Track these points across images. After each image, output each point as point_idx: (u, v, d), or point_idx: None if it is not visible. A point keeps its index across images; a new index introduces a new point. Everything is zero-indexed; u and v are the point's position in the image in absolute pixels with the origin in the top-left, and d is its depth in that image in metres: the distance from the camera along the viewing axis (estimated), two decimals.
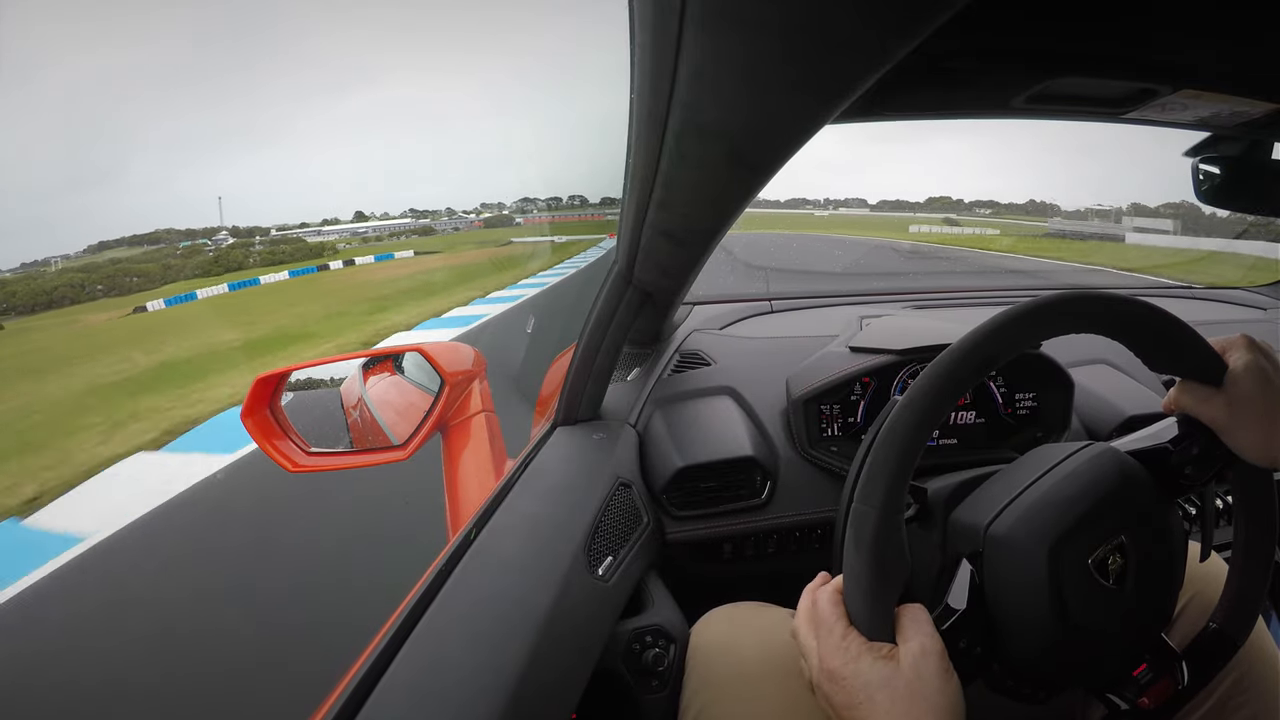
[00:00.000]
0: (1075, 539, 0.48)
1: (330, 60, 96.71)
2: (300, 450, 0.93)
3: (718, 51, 0.33)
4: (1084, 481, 0.51)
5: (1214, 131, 0.66)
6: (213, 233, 28.68)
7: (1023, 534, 0.49)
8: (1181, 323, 0.50)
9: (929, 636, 0.46)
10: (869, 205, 34.04)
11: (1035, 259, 10.62)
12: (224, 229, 28.91)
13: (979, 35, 0.48)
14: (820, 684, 0.48)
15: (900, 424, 0.45)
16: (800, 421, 1.00)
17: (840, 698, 0.45)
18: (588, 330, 0.93)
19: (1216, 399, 0.50)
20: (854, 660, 0.46)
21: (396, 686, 0.51)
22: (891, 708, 0.43)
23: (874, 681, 0.44)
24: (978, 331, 0.46)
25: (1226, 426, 0.50)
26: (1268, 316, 1.51)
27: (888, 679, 0.44)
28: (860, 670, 0.45)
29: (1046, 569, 0.47)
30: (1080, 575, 0.47)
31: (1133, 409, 1.02)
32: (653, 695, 0.68)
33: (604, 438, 0.94)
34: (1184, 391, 0.52)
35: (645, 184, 0.57)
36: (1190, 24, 0.46)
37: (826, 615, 0.49)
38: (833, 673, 0.46)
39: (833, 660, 0.47)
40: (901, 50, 0.29)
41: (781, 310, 1.42)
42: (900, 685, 0.44)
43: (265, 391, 0.92)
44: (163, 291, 20.07)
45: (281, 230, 30.42)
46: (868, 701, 0.44)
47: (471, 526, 0.72)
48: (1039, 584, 0.47)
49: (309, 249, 27.18)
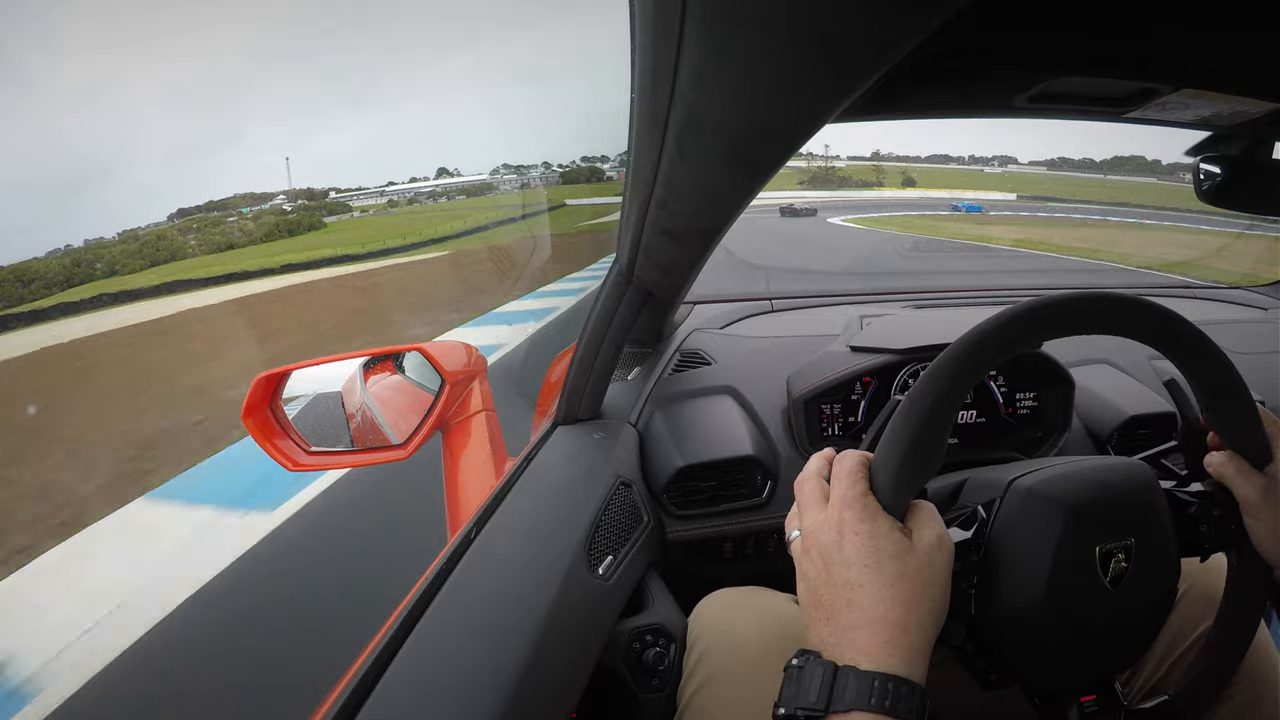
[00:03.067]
0: (1095, 517, 0.47)
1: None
2: (301, 449, 0.93)
3: (719, 50, 0.32)
4: (1120, 475, 0.50)
5: (1215, 130, 0.66)
6: (268, 198, 27.96)
7: (1048, 490, 0.48)
8: (1250, 397, 0.50)
9: (944, 533, 0.44)
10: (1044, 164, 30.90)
11: None
12: (281, 194, 28.15)
13: (980, 34, 0.48)
14: (819, 542, 0.44)
15: (979, 331, 0.45)
16: (801, 421, 1.00)
17: (840, 558, 0.42)
18: (588, 329, 0.93)
19: (1255, 479, 0.50)
20: (871, 519, 0.43)
21: (397, 685, 0.51)
22: (897, 583, 0.41)
23: (886, 548, 0.42)
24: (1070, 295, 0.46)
25: (1253, 508, 0.50)
26: (1268, 316, 1.50)
27: (900, 552, 0.42)
28: (876, 531, 0.42)
29: (1060, 530, 0.46)
30: (1084, 557, 0.47)
31: (1133, 409, 1.02)
32: (653, 694, 0.68)
33: (604, 437, 0.94)
34: (1231, 461, 0.52)
35: (646, 183, 0.57)
36: (1191, 23, 0.46)
37: (850, 470, 0.45)
38: (843, 525, 0.43)
39: (847, 512, 0.43)
40: (903, 49, 0.29)
41: (782, 310, 1.42)
42: (911, 564, 0.42)
43: (266, 391, 0.92)
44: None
45: (339, 193, 29.67)
46: (874, 567, 0.41)
47: (471, 526, 0.72)
48: (1045, 544, 0.46)
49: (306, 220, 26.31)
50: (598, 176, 32.80)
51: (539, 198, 27.62)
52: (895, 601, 0.41)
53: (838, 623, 0.41)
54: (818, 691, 0.38)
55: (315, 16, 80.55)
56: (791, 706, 0.39)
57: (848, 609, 0.41)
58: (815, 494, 0.47)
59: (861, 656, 0.39)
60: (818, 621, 0.43)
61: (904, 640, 0.40)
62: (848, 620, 0.41)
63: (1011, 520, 0.48)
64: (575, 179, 33.50)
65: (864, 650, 0.39)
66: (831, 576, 0.43)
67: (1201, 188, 0.70)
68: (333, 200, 28.24)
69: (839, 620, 0.41)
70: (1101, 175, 27.35)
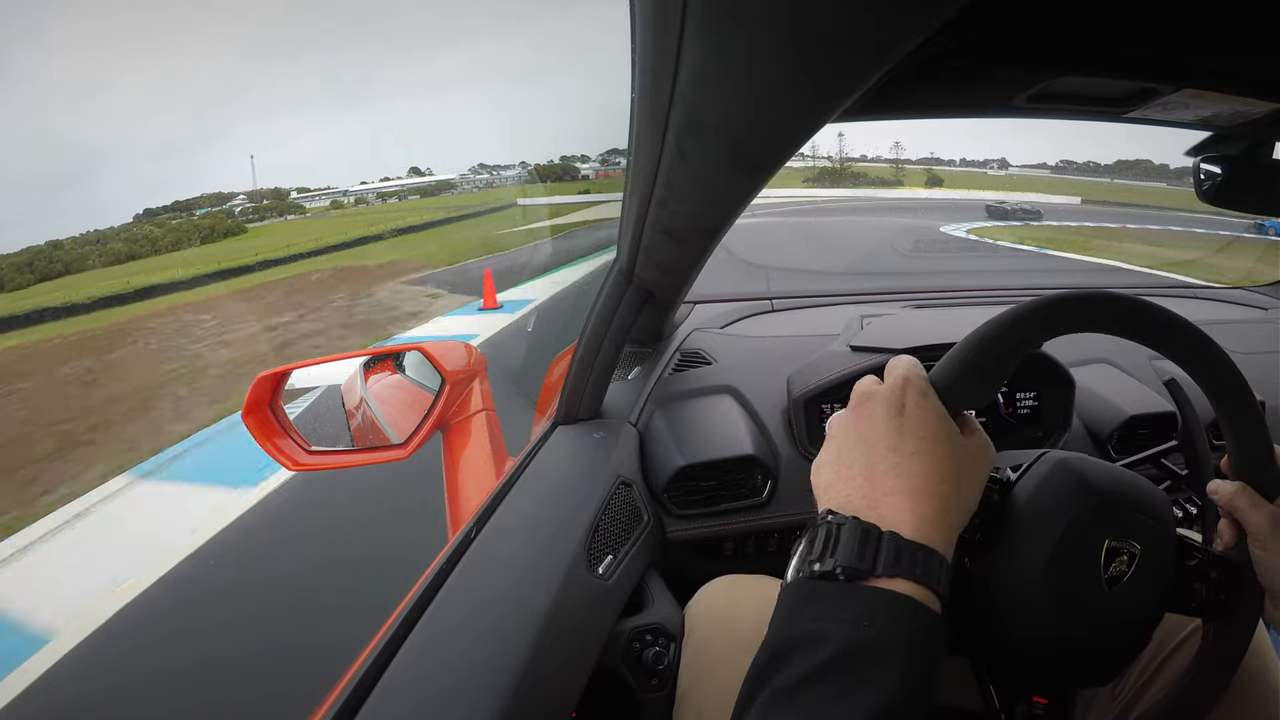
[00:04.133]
0: (1115, 509, 0.47)
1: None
2: (301, 449, 0.93)
3: (720, 49, 0.32)
4: (1145, 488, 0.50)
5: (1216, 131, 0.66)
6: (230, 198, 26.90)
7: (1079, 467, 0.48)
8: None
9: (990, 442, 0.44)
10: (1049, 166, 30.79)
11: None
12: (242, 194, 27.08)
13: (980, 34, 0.48)
14: (871, 410, 0.43)
15: (1065, 294, 0.46)
16: (801, 420, 1.00)
17: (895, 424, 0.42)
18: (589, 329, 0.93)
19: (1266, 508, 0.49)
20: (933, 401, 0.43)
21: (396, 685, 0.51)
22: (948, 463, 0.40)
23: (943, 429, 0.42)
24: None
25: (1263, 539, 0.49)
26: (1268, 316, 1.50)
27: (954, 440, 0.42)
28: (936, 411, 0.42)
29: (1078, 507, 0.46)
30: (1093, 544, 0.46)
31: (1134, 409, 1.02)
32: (652, 694, 0.68)
33: (604, 436, 0.94)
34: (1242, 492, 0.51)
35: (646, 182, 0.57)
36: (1192, 23, 0.46)
37: (910, 361, 0.45)
38: (905, 399, 0.43)
39: (910, 389, 0.43)
40: (903, 49, 0.29)
41: (782, 309, 1.42)
42: (962, 453, 0.42)
43: (266, 390, 0.92)
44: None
45: (301, 193, 28.49)
46: (930, 441, 0.41)
47: (472, 525, 0.72)
48: (1060, 516, 0.46)
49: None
50: (571, 175, 32.23)
51: (495, 197, 26.57)
52: (944, 478, 0.40)
53: (878, 485, 0.40)
54: (860, 552, 0.36)
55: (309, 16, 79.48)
56: (831, 564, 0.37)
57: (893, 473, 0.40)
58: (872, 379, 0.47)
59: (904, 524, 0.38)
60: (847, 480, 0.41)
61: (944, 520, 0.39)
62: (891, 484, 0.39)
63: (1035, 484, 0.48)
64: (547, 177, 32.58)
65: (907, 518, 0.38)
66: (879, 437, 0.42)
67: (1202, 187, 0.70)
68: (291, 201, 27.08)
69: (880, 483, 0.40)
70: (1108, 179, 27.09)
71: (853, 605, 0.36)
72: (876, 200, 19.97)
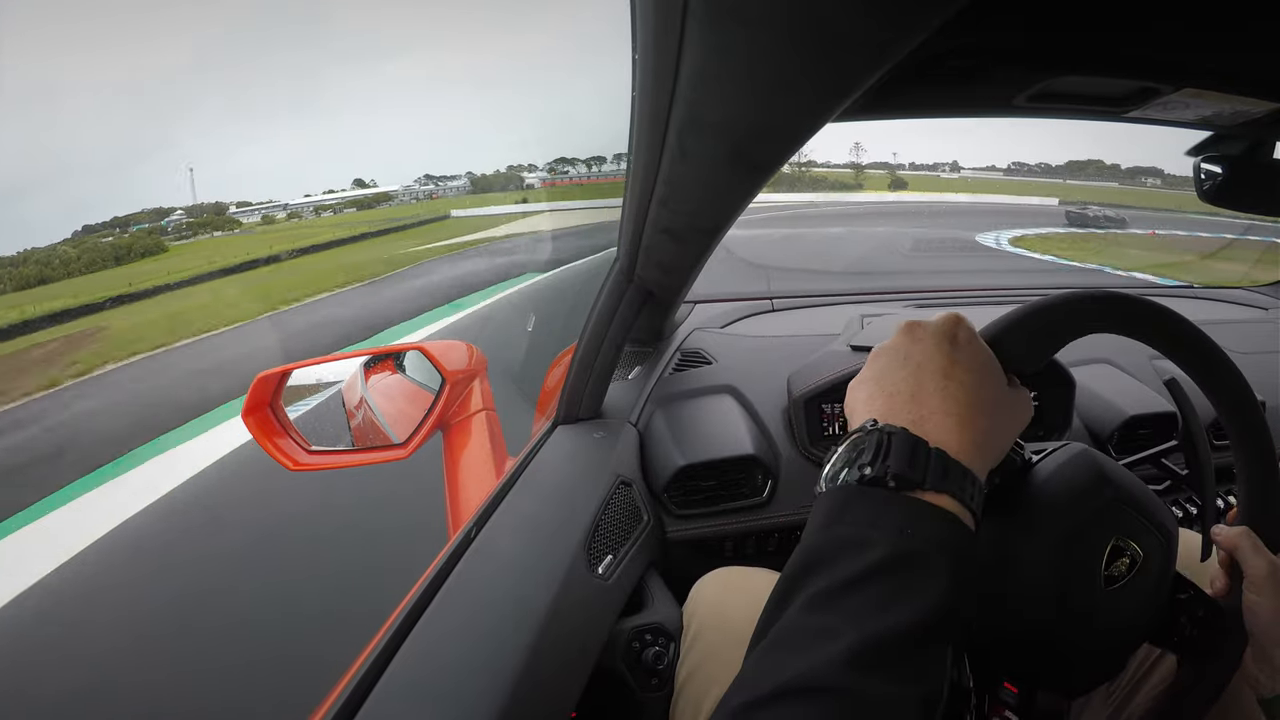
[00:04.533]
0: (1128, 510, 0.47)
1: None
2: (301, 449, 0.93)
3: (720, 49, 0.32)
4: (1162, 506, 0.50)
5: (1216, 130, 0.66)
6: (168, 213, 25.59)
7: (1102, 463, 0.48)
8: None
9: (1030, 401, 0.45)
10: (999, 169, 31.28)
11: None
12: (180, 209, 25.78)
13: (980, 34, 0.48)
14: (923, 334, 0.43)
15: (1111, 292, 0.47)
16: (801, 420, 1.00)
17: (946, 351, 0.41)
18: (589, 328, 0.93)
19: (1265, 555, 0.50)
20: (982, 347, 0.43)
21: (396, 685, 0.51)
22: (992, 399, 0.40)
23: (990, 369, 0.42)
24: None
25: (1259, 585, 0.49)
26: (1268, 316, 1.50)
27: (1000, 380, 0.42)
28: (983, 351, 0.42)
29: (1094, 500, 0.46)
30: (1100, 539, 0.46)
31: (1134, 409, 1.02)
32: (652, 694, 0.68)
33: (605, 436, 0.94)
34: (1246, 536, 0.51)
35: (647, 181, 0.57)
36: (1192, 22, 0.46)
37: (968, 324, 0.45)
38: (957, 333, 0.42)
39: (959, 326, 0.43)
40: (904, 49, 0.29)
41: (783, 309, 1.42)
42: (1006, 395, 0.42)
43: (266, 390, 0.92)
44: None
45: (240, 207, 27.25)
46: (978, 373, 0.41)
47: (472, 525, 0.72)
48: (1072, 506, 0.46)
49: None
50: (516, 185, 31.80)
51: (430, 209, 24.90)
52: (987, 412, 0.40)
53: (924, 403, 0.39)
54: (910, 461, 0.36)
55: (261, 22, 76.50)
56: (883, 468, 0.36)
57: (941, 394, 0.39)
58: (918, 330, 0.45)
59: (950, 444, 0.37)
60: (893, 397, 0.40)
61: (985, 447, 0.39)
62: (938, 404, 0.39)
63: (1057, 468, 0.48)
64: (490, 187, 31.68)
65: (954, 438, 0.37)
66: (929, 362, 0.41)
67: (1202, 187, 0.70)
68: (229, 216, 25.86)
69: (927, 401, 0.39)
70: (1061, 180, 27.12)
71: (899, 514, 0.35)
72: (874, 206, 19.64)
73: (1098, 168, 25.70)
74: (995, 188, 25.78)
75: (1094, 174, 25.87)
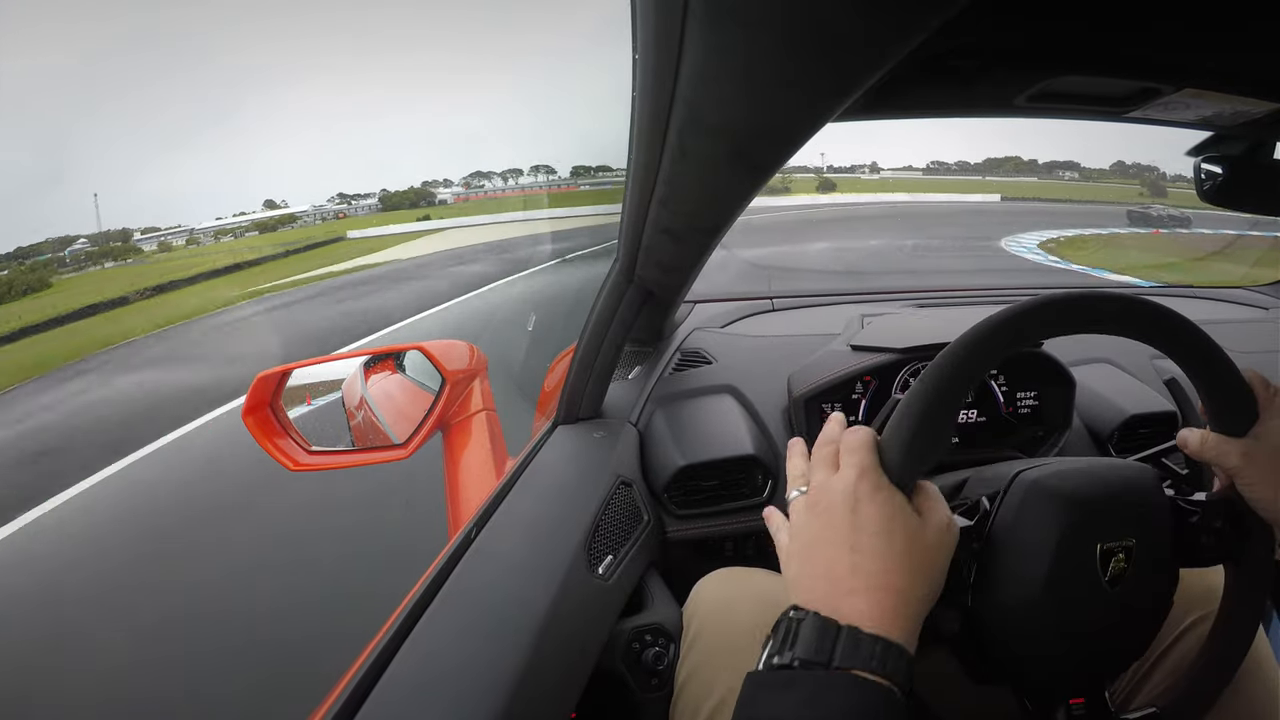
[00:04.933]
0: (1098, 513, 0.47)
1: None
2: (301, 449, 0.94)
3: (721, 48, 0.32)
4: (1124, 476, 0.51)
5: (1216, 130, 0.66)
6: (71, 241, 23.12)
7: (1053, 484, 0.48)
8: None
9: (952, 517, 0.45)
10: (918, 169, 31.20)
11: None
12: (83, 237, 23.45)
13: (980, 34, 0.48)
14: (830, 501, 0.44)
15: (995, 319, 0.46)
16: (802, 420, 1.00)
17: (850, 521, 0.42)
18: (589, 328, 0.93)
19: (1235, 445, 0.50)
20: (886, 490, 0.43)
21: (396, 685, 0.51)
22: (906, 556, 0.41)
23: (900, 520, 0.42)
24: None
25: (1241, 475, 0.50)
26: (1269, 316, 1.50)
27: (911, 526, 0.42)
28: (891, 501, 0.42)
29: (1063, 524, 0.46)
30: (1085, 553, 0.47)
31: (1134, 408, 1.02)
32: (652, 694, 0.68)
33: (605, 436, 0.94)
34: (1206, 438, 0.51)
35: (647, 181, 0.57)
36: (1193, 22, 0.46)
37: (864, 441, 0.45)
38: (859, 491, 0.43)
39: (864, 480, 0.43)
40: (904, 49, 0.29)
41: (783, 309, 1.42)
42: (921, 539, 0.42)
43: (266, 390, 0.92)
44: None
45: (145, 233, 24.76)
46: (885, 535, 0.41)
47: (472, 525, 0.72)
48: (1047, 538, 0.46)
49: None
50: (427, 201, 31.06)
51: (328, 230, 24.26)
52: (902, 572, 0.41)
53: (837, 584, 0.41)
54: (818, 645, 0.38)
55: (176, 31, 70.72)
56: (789, 656, 0.39)
57: (852, 573, 0.41)
58: (831, 457, 0.47)
59: (864, 620, 0.39)
60: (811, 578, 0.43)
61: (904, 612, 0.40)
62: (851, 584, 0.41)
63: (1015, 512, 0.48)
64: (398, 205, 29.57)
65: (866, 615, 0.39)
66: (837, 536, 0.43)
67: (1203, 187, 0.70)
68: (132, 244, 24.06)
69: (840, 582, 0.41)
70: (980, 176, 27.35)
71: (803, 690, 0.37)
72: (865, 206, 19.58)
73: (1015, 164, 26.50)
74: (916, 186, 26.05)
75: (1011, 170, 26.66)
